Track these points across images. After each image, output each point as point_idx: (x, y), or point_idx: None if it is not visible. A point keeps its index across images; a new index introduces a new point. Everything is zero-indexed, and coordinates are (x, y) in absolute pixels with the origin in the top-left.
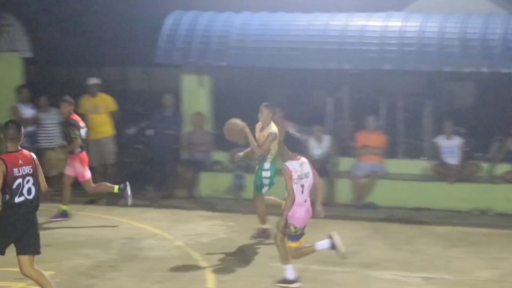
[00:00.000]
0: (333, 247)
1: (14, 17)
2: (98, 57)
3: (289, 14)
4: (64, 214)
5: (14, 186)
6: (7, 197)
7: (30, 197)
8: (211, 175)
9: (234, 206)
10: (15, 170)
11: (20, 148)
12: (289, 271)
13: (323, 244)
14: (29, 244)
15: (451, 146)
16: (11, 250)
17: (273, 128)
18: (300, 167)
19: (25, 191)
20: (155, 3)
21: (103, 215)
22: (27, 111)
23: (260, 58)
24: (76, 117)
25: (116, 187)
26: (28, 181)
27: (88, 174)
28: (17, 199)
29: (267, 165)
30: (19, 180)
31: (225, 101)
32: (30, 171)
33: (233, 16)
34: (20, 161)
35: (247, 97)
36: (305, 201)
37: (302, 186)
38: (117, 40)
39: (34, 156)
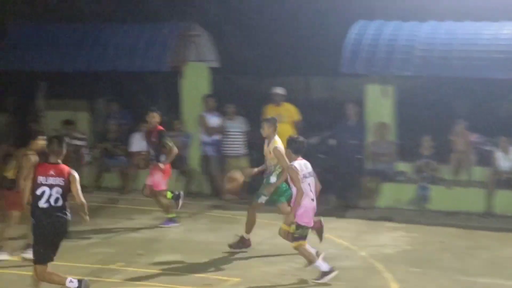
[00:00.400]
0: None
1: (201, 27)
2: (282, 67)
3: (476, 23)
4: (172, 220)
5: (37, 193)
6: (32, 201)
7: (57, 205)
8: (394, 185)
9: (417, 217)
10: (41, 178)
11: (59, 162)
12: (322, 265)
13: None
14: (57, 247)
15: None
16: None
17: (278, 142)
18: (304, 167)
19: (52, 199)
20: (339, 13)
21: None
22: (213, 120)
23: (446, 67)
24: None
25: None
26: (57, 192)
27: (164, 186)
28: (41, 205)
29: (273, 178)
30: (44, 188)
31: (408, 111)
32: (61, 183)
33: (418, 25)
34: (51, 172)
35: (430, 107)
36: (313, 200)
37: (309, 184)
38: (300, 49)
39: (73, 172)
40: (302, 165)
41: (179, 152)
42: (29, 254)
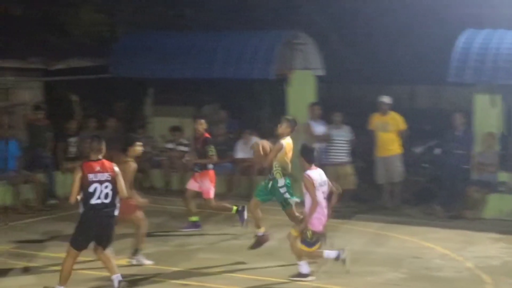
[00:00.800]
0: (337, 258)
1: (307, 35)
2: (387, 75)
3: None
4: (195, 225)
5: (90, 190)
6: (84, 199)
7: (107, 201)
8: (497, 196)
9: None
10: (91, 175)
11: (100, 158)
12: (303, 267)
13: (330, 253)
14: (103, 240)
15: None
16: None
17: (287, 140)
18: (319, 176)
19: (102, 195)
20: (446, 22)
21: (387, 232)
22: (319, 128)
23: None
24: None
25: (235, 208)
26: (106, 187)
27: (213, 192)
28: (94, 201)
29: (281, 181)
30: (95, 185)
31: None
32: (108, 177)
33: None
34: (97, 168)
35: None
36: (325, 207)
37: (323, 192)
38: (406, 58)
39: (115, 167)
40: (316, 174)
41: None
42: (136, 260)
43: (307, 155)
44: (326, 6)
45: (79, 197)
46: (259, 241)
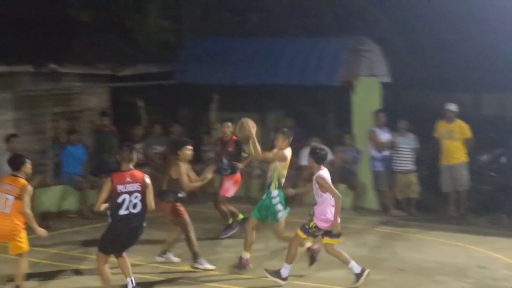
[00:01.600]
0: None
1: (373, 42)
2: (452, 82)
3: None
4: (231, 228)
5: (119, 201)
6: (112, 210)
7: (135, 211)
8: None
9: None
10: (120, 186)
11: (132, 168)
12: (286, 270)
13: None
14: (127, 247)
15: None
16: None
17: (288, 151)
18: (328, 175)
19: (131, 205)
20: (509, 29)
21: (453, 242)
22: (384, 135)
23: None
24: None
25: (241, 217)
26: (136, 197)
27: (231, 193)
28: (122, 212)
29: (274, 192)
30: (125, 196)
31: None
32: (138, 188)
33: None
34: (128, 179)
35: None
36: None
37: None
38: (472, 65)
39: (146, 178)
40: (327, 173)
41: (348, 166)
42: (163, 258)
43: (316, 156)
44: (392, 12)
45: (104, 206)
46: (241, 265)
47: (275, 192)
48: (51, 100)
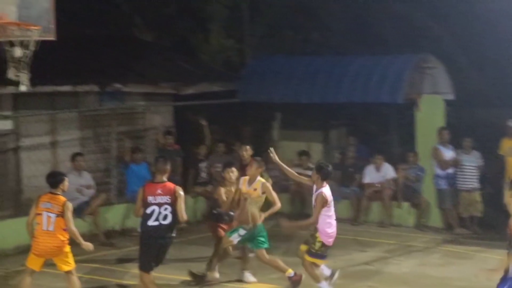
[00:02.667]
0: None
1: (437, 59)
2: None
3: None
4: None
5: (148, 211)
6: (142, 220)
7: (165, 222)
8: None
9: None
10: (150, 198)
11: (165, 180)
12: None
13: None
14: (157, 261)
15: None
16: None
17: (264, 180)
18: (330, 192)
19: (161, 217)
20: None
21: None
22: (448, 153)
23: None
24: None
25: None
26: (165, 209)
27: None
28: (151, 223)
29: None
30: (154, 207)
31: None
32: (168, 200)
33: None
34: (158, 191)
35: None
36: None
37: (334, 207)
38: None
39: (178, 189)
40: (329, 191)
41: (412, 184)
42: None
43: (323, 172)
44: (455, 29)
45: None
46: (294, 283)
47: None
48: (116, 119)
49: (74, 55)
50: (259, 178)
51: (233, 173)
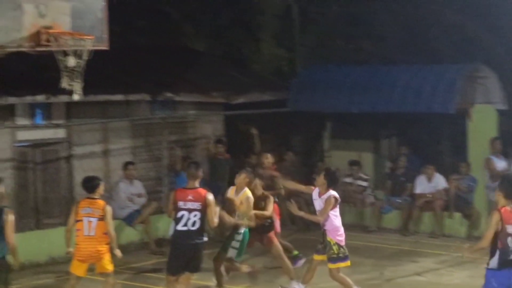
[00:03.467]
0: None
1: (489, 69)
2: None
3: None
4: (298, 258)
5: (177, 216)
6: (174, 223)
7: (194, 228)
8: None
9: None
10: (181, 203)
11: (197, 185)
12: None
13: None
14: (189, 266)
15: None
16: None
17: (249, 193)
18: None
19: (189, 223)
20: None
21: None
22: (500, 163)
23: None
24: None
25: (296, 252)
26: (195, 215)
27: (278, 228)
28: (180, 228)
29: (241, 230)
30: (183, 212)
31: None
32: (198, 207)
33: None
34: (189, 197)
35: None
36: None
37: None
38: None
39: (209, 196)
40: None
41: (463, 195)
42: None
43: (331, 177)
44: (507, 38)
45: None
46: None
47: (242, 230)
48: (167, 128)
49: (126, 65)
50: (245, 189)
51: (268, 159)
